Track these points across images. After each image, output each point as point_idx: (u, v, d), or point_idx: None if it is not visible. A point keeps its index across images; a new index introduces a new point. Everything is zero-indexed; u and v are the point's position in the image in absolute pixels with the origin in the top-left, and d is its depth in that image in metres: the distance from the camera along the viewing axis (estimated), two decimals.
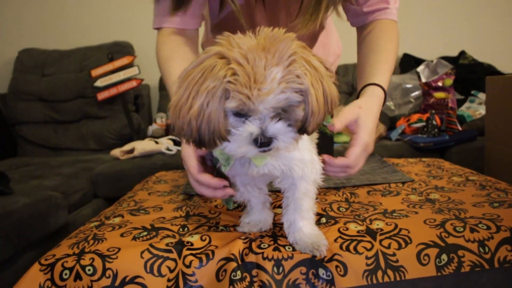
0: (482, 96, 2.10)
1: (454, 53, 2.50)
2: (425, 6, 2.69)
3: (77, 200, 1.68)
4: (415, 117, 1.96)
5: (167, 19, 0.93)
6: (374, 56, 0.90)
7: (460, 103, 2.16)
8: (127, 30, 2.78)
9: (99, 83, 2.38)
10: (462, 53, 2.46)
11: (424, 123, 1.85)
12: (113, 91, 2.39)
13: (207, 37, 1.23)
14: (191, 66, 0.55)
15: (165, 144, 1.95)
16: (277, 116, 0.54)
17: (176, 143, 2.06)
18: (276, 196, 0.84)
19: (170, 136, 2.11)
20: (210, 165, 0.72)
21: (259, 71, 0.51)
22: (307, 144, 0.66)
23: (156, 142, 1.96)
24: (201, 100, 0.52)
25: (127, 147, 1.94)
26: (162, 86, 2.68)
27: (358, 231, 0.69)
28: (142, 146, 1.88)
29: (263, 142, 0.53)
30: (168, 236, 0.72)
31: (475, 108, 2.05)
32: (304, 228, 0.67)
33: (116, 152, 1.94)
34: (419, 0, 2.68)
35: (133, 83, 2.43)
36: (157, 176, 1.26)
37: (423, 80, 2.03)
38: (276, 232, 0.73)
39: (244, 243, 0.67)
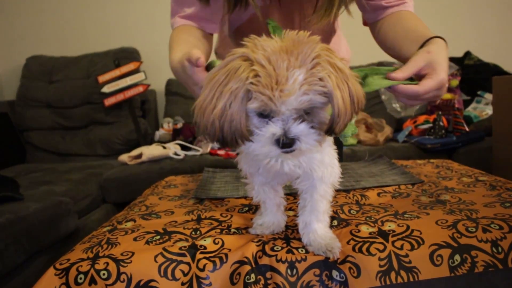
0: (488, 96, 2.09)
1: (459, 53, 2.50)
2: (430, 7, 2.69)
3: (86, 206, 1.69)
4: (421, 118, 1.96)
5: (184, 21, 0.96)
6: (414, 25, 0.91)
7: (466, 104, 2.16)
8: (133, 36, 2.81)
9: (106, 89, 2.41)
10: (468, 53, 2.45)
11: (431, 125, 1.84)
12: (120, 97, 2.42)
13: (223, 42, 1.24)
14: (216, 68, 0.56)
15: (172, 149, 1.96)
16: (300, 118, 0.54)
17: (184, 147, 2.08)
18: (287, 199, 0.85)
19: (178, 141, 2.12)
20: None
21: (281, 72, 0.52)
22: (328, 148, 0.66)
23: (164, 147, 1.97)
24: (224, 100, 0.53)
25: (135, 152, 1.95)
26: (169, 91, 2.70)
27: (370, 233, 0.70)
28: (149, 151, 1.90)
29: (285, 143, 0.53)
30: (181, 240, 0.72)
31: (482, 108, 2.04)
32: (319, 230, 0.68)
33: (124, 157, 1.96)
34: (423, 1, 2.68)
35: (140, 89, 2.45)
36: (167, 180, 1.27)
37: None
38: (289, 234, 0.73)
39: (257, 245, 0.67)
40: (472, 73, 2.22)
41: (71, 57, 2.65)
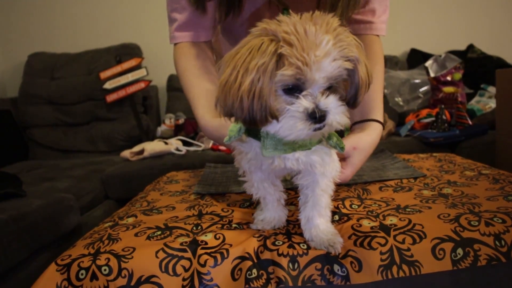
0: (492, 89, 2.08)
1: (462, 47, 2.48)
2: (432, 0, 2.67)
3: (88, 202, 1.70)
4: (424, 112, 1.95)
5: (180, 34, 0.98)
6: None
7: (469, 97, 2.14)
8: (134, 32, 2.80)
9: (107, 85, 2.40)
10: (471, 46, 2.44)
11: (433, 118, 1.83)
12: (121, 93, 2.41)
13: (217, 38, 1.24)
14: (236, 47, 0.55)
15: (174, 144, 1.96)
16: (326, 92, 0.55)
17: (186, 143, 2.07)
18: (289, 194, 0.84)
19: (179, 137, 2.12)
20: None
21: (311, 38, 0.52)
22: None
23: (166, 143, 1.97)
24: (251, 76, 0.52)
25: (137, 148, 1.95)
26: (171, 87, 2.69)
27: (371, 227, 0.69)
28: (151, 147, 1.90)
29: (320, 116, 0.53)
30: (181, 235, 0.72)
31: (485, 102, 2.03)
32: (321, 225, 0.67)
33: (126, 153, 1.96)
34: None
35: (142, 85, 2.45)
36: (168, 176, 1.27)
37: (432, 74, 2.02)
38: (290, 229, 0.73)
39: (259, 241, 0.67)
40: (475, 66, 2.21)
41: (73, 53, 2.65)
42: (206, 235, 0.70)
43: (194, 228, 0.75)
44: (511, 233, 0.65)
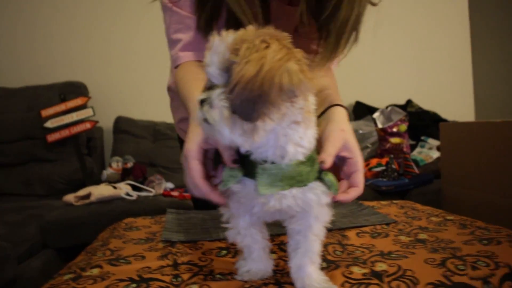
0: (431, 141, 2.25)
1: (401, 101, 2.69)
2: (376, 58, 2.91)
3: (24, 251, 1.50)
4: (374, 161, 2.05)
5: (185, 54, 0.94)
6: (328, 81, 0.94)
7: (411, 148, 2.30)
8: (80, 69, 2.70)
9: (49, 124, 2.24)
10: (409, 101, 2.66)
11: (383, 167, 1.93)
12: (64, 133, 2.26)
13: None
14: None
15: (124, 189, 1.84)
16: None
17: (135, 188, 1.96)
18: (272, 240, 0.81)
19: (128, 181, 2.00)
20: (210, 159, 0.68)
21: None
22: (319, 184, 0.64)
23: (114, 187, 1.84)
24: None
25: (83, 192, 1.80)
26: (117, 129, 2.58)
27: (363, 274, 0.67)
28: (99, 191, 1.76)
29: (201, 103, 0.53)
30: (161, 287, 0.65)
31: (426, 152, 2.18)
32: (313, 273, 0.64)
33: (70, 197, 1.79)
34: (369, 52, 2.90)
35: (87, 125, 2.32)
36: (126, 222, 1.16)
37: (380, 126, 2.15)
38: (279, 278, 0.69)
39: None
40: (415, 120, 2.40)
41: (11, 88, 2.46)
42: (190, 287, 0.64)
43: (174, 279, 0.68)
44: (497, 275, 0.67)
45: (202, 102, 0.53)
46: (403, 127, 2.10)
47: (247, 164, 0.61)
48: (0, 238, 1.40)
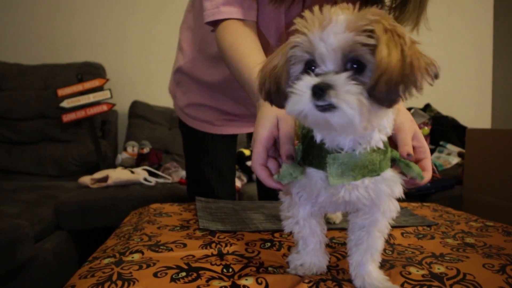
0: (450, 147, 2.22)
1: (420, 105, 2.66)
2: None
3: (39, 232, 1.47)
4: None
5: (228, 9, 0.86)
6: None
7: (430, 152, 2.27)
8: (99, 51, 2.66)
9: (65, 103, 2.20)
10: (428, 106, 2.63)
11: None
12: (80, 114, 2.22)
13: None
14: None
15: (142, 174, 1.81)
16: (346, 74, 0.48)
17: (151, 174, 1.93)
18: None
19: (145, 167, 1.97)
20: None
21: (325, 13, 0.50)
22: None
23: (132, 172, 1.81)
24: (277, 60, 0.55)
25: (100, 174, 1.77)
26: (133, 113, 2.54)
27: (422, 275, 0.65)
28: (117, 174, 1.73)
29: (321, 89, 0.46)
30: (213, 278, 0.62)
31: (445, 158, 2.16)
32: (373, 272, 0.61)
33: (86, 179, 1.76)
34: None
35: (104, 107, 2.28)
36: (154, 208, 1.13)
37: None
38: (335, 275, 0.66)
39: (310, 287, 0.59)
40: (434, 124, 2.36)
41: (27, 65, 2.42)
42: (246, 279, 0.61)
43: (225, 270, 0.65)
44: None
45: (318, 88, 0.47)
46: (426, 130, 2.07)
47: (315, 155, 0.58)
48: (15, 216, 1.37)
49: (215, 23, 0.89)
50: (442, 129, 2.39)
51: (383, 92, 0.47)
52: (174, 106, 1.30)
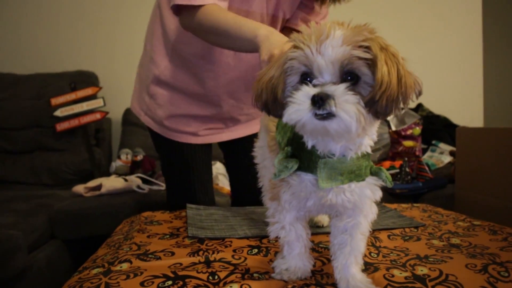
0: (442, 146, 2.24)
1: (412, 105, 2.68)
2: None
3: (33, 241, 1.47)
4: (387, 164, 2.03)
5: None
6: None
7: (422, 152, 2.28)
8: (91, 59, 2.66)
9: (59, 112, 2.20)
10: (420, 105, 2.64)
11: (397, 170, 1.91)
12: (74, 123, 2.22)
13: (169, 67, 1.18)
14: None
15: (135, 181, 1.81)
16: (343, 85, 0.52)
17: (145, 181, 1.93)
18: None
19: (139, 174, 1.97)
20: None
21: (322, 28, 0.53)
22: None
23: (125, 180, 1.81)
24: (273, 71, 0.58)
25: (93, 183, 1.77)
26: (126, 121, 2.54)
27: (405, 277, 0.66)
28: (110, 183, 1.73)
29: (321, 99, 0.50)
30: (199, 285, 0.63)
31: (437, 157, 2.17)
32: (357, 274, 0.63)
33: (79, 188, 1.77)
34: None
35: (97, 116, 2.28)
36: (145, 216, 1.14)
37: (393, 128, 2.13)
38: (320, 279, 0.67)
39: None
40: (426, 124, 2.38)
41: (21, 75, 2.42)
42: (231, 286, 0.62)
43: (211, 277, 0.66)
44: None
45: (318, 97, 0.51)
46: (417, 130, 2.09)
47: (304, 159, 0.60)
48: (9, 227, 1.37)
49: (185, 8, 0.93)
50: (434, 128, 2.40)
51: (383, 106, 0.52)
52: (145, 122, 1.28)
